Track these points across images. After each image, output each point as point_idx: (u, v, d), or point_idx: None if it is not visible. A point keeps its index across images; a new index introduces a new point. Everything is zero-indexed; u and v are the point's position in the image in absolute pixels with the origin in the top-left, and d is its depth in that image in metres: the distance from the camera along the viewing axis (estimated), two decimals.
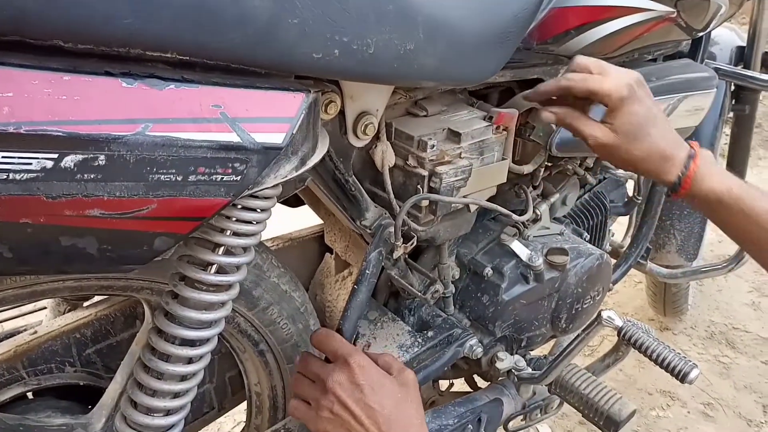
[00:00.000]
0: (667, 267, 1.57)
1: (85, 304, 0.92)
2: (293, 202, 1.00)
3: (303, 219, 1.11)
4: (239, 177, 0.51)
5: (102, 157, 0.43)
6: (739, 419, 1.74)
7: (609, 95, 0.72)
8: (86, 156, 0.43)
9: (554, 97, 0.80)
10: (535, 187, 1.10)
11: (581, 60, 0.76)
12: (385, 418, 0.65)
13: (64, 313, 0.92)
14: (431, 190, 0.83)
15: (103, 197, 0.45)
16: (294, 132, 0.54)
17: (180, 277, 0.64)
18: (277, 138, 0.52)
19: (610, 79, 0.73)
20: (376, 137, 0.82)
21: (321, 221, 1.06)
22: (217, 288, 0.64)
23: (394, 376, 0.71)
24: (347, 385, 0.67)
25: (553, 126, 0.95)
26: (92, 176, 0.44)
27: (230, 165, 0.50)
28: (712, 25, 1.15)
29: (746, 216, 0.72)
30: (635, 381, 1.83)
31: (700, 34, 1.18)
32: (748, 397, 1.82)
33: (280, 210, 1.03)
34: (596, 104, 0.76)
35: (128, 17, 0.42)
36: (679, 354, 0.89)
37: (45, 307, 0.99)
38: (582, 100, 0.77)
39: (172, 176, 0.47)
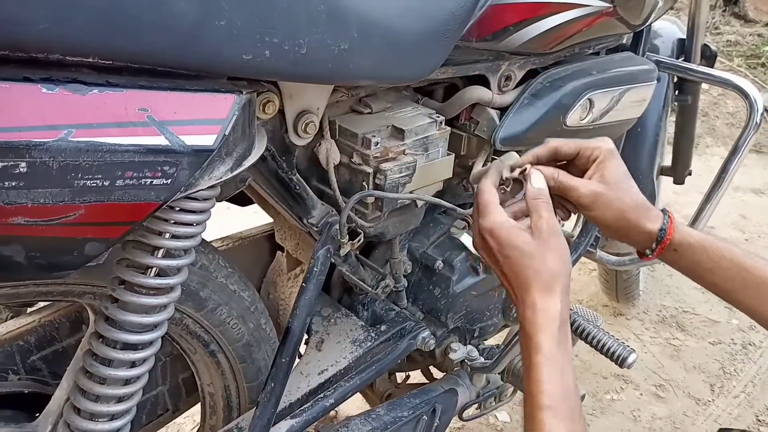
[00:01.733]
0: (616, 255, 1.61)
1: (29, 310, 0.90)
2: (242, 200, 1.00)
3: (258, 217, 1.11)
4: (169, 180, 0.51)
5: (23, 164, 0.43)
6: (689, 398, 1.81)
7: (599, 147, 0.75)
8: (6, 164, 0.42)
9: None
10: None
11: (555, 138, 0.78)
12: (510, 277, 0.70)
13: (6, 320, 0.90)
14: (377, 186, 0.84)
15: (26, 204, 0.45)
16: (226, 133, 0.54)
17: (119, 281, 0.63)
18: (207, 140, 0.52)
19: (593, 139, 0.76)
20: (320, 135, 0.82)
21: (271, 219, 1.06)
22: (158, 291, 0.64)
23: (531, 228, 0.70)
24: (487, 250, 0.72)
25: (496, 121, 0.97)
26: (14, 184, 0.43)
27: (159, 168, 0.50)
28: (651, 19, 1.19)
29: (724, 258, 0.74)
30: (590, 366, 1.88)
31: (640, 27, 1.22)
32: (697, 377, 1.89)
33: (234, 209, 1.03)
34: None
35: (43, 22, 0.42)
36: (618, 340, 0.92)
37: None
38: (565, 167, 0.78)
39: (98, 181, 0.47)
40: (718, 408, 1.79)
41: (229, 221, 1.28)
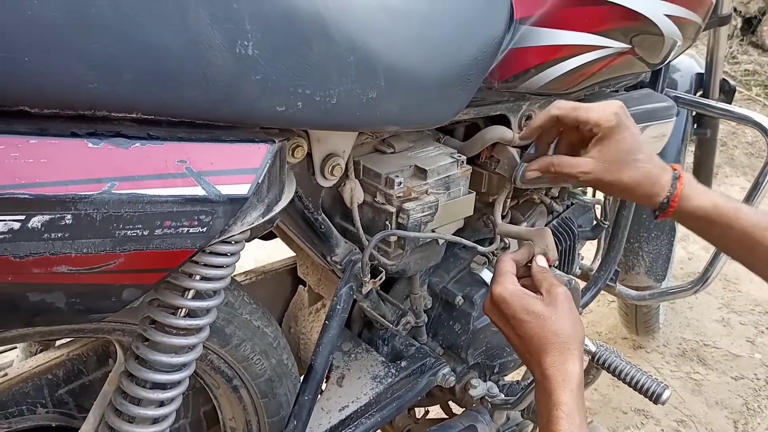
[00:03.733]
0: (636, 288, 1.60)
1: (57, 343, 0.92)
2: (266, 235, 1.02)
3: (279, 250, 1.12)
4: (205, 228, 0.52)
5: (69, 216, 0.45)
6: None
7: (598, 125, 0.75)
8: (53, 216, 0.44)
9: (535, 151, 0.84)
10: (503, 217, 1.13)
11: (561, 101, 0.79)
12: (526, 341, 0.73)
13: (35, 354, 0.92)
14: (399, 225, 0.85)
15: (70, 254, 0.46)
16: (260, 182, 0.56)
17: (150, 321, 0.65)
18: (242, 189, 0.54)
19: (597, 109, 0.76)
20: (345, 175, 0.84)
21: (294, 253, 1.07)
22: (187, 331, 0.65)
23: (542, 296, 0.75)
24: (498, 316, 0.77)
25: (517, 159, 0.98)
26: (59, 235, 0.45)
27: (196, 217, 0.51)
28: (669, 58, 1.20)
29: (732, 228, 0.76)
30: (610, 400, 1.86)
31: (659, 66, 1.23)
32: (720, 413, 1.85)
33: (255, 242, 1.05)
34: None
35: (92, 82, 0.44)
36: (651, 376, 0.91)
37: (15, 347, 0.99)
38: (570, 134, 0.80)
39: (138, 231, 0.49)
40: None
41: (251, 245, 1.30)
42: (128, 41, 0.45)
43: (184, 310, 0.64)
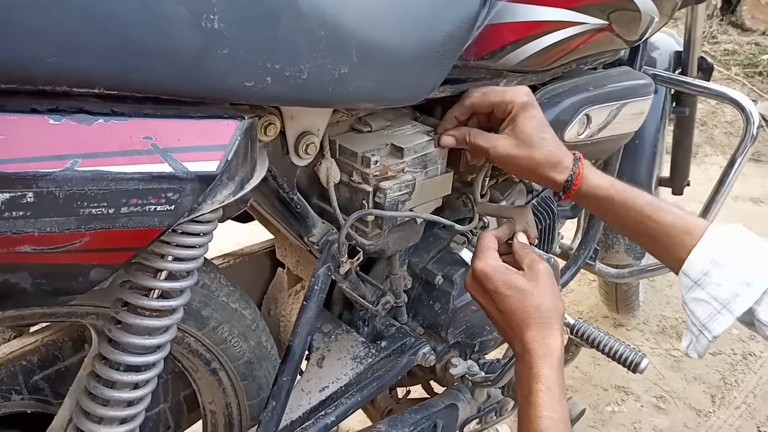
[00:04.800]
0: (616, 267, 1.62)
1: (32, 329, 0.90)
2: (243, 217, 1.01)
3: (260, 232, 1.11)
4: (173, 206, 0.51)
5: (30, 194, 0.44)
6: (690, 410, 1.81)
7: (512, 102, 0.81)
8: (14, 194, 0.43)
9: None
10: (482, 196, 1.13)
11: (474, 89, 0.86)
12: (508, 316, 0.75)
13: (9, 340, 0.91)
14: (376, 205, 0.85)
15: (33, 233, 0.45)
16: (229, 159, 0.55)
17: (122, 303, 0.64)
18: (211, 166, 0.53)
19: (509, 90, 0.82)
20: (321, 154, 0.83)
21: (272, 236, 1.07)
22: (160, 313, 0.64)
23: (524, 271, 0.77)
24: (479, 292, 0.79)
25: None
26: (21, 213, 0.44)
27: (163, 195, 0.50)
28: (647, 35, 1.20)
29: (628, 206, 0.80)
30: (591, 378, 1.89)
31: (637, 43, 1.23)
32: (698, 388, 1.89)
33: (235, 225, 1.04)
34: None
35: (51, 56, 0.42)
36: (629, 346, 0.92)
37: None
38: (482, 120, 0.86)
39: (103, 209, 0.47)
40: (719, 419, 1.79)
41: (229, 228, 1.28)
42: (88, 14, 0.44)
43: (156, 291, 0.63)
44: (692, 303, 0.74)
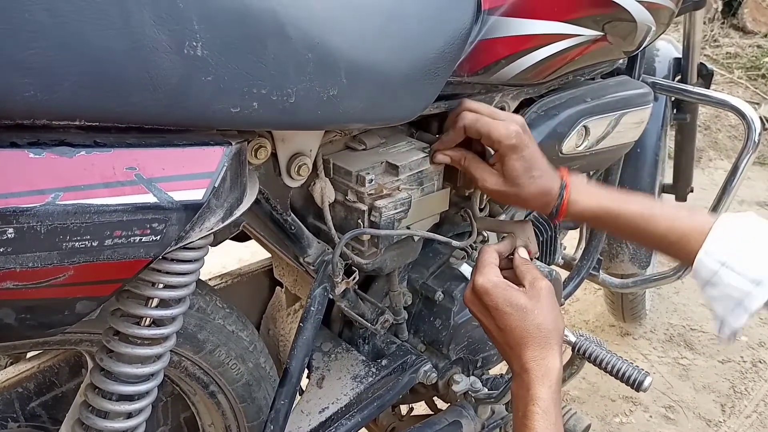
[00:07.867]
0: (621, 276, 1.60)
1: (28, 355, 0.90)
2: (240, 237, 1.00)
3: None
4: (159, 236, 0.51)
5: (10, 230, 0.43)
6: (699, 420, 1.78)
7: (499, 142, 0.80)
8: None
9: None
10: (481, 210, 1.12)
11: (468, 102, 0.85)
12: (507, 333, 0.74)
13: (5, 367, 0.90)
14: (372, 224, 0.84)
15: (15, 269, 0.45)
16: (216, 186, 0.54)
17: (113, 331, 0.63)
18: (197, 194, 0.52)
19: (500, 126, 0.80)
20: (315, 174, 0.82)
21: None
22: (152, 341, 0.63)
23: (525, 288, 0.76)
24: (478, 307, 0.78)
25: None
26: (1, 250, 0.43)
27: (148, 225, 0.50)
28: (644, 44, 1.19)
29: (619, 219, 0.81)
30: (598, 389, 1.86)
31: (634, 53, 1.22)
32: (707, 397, 1.86)
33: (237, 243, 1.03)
34: None
35: (29, 90, 0.42)
36: (632, 364, 0.91)
37: None
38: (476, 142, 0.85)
39: (87, 242, 0.47)
40: (730, 429, 1.76)
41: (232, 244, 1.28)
42: (66, 46, 0.43)
43: (148, 319, 0.62)
44: (710, 298, 0.75)
